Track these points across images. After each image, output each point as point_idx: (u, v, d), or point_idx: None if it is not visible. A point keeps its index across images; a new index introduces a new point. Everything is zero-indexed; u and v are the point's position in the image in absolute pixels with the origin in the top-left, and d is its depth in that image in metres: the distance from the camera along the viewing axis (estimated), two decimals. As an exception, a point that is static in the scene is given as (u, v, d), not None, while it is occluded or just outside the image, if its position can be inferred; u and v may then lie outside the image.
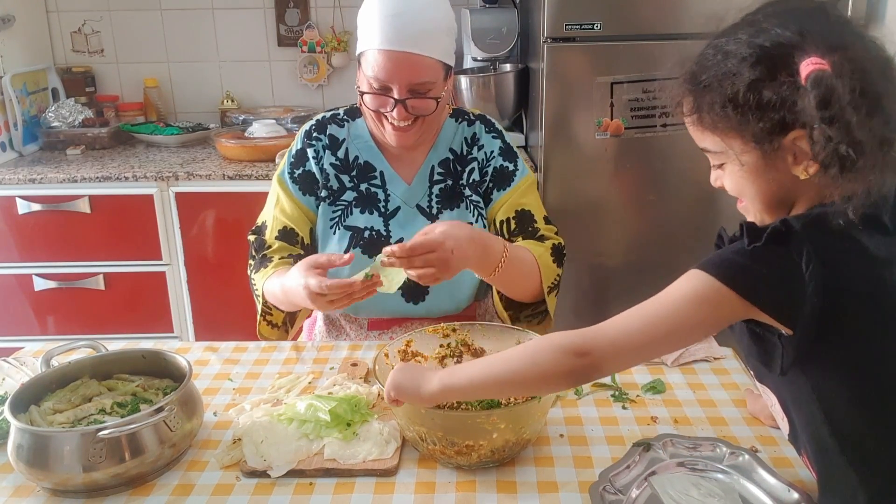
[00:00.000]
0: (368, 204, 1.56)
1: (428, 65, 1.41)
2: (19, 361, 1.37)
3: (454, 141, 1.58)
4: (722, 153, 0.93)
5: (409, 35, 1.38)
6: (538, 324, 1.57)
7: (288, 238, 1.57)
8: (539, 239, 1.55)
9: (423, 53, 1.40)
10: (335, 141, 1.58)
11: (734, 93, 0.86)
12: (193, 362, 1.37)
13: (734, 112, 0.87)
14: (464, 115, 1.61)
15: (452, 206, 1.56)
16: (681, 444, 1.11)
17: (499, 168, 1.57)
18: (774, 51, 0.85)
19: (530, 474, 1.08)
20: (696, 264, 0.90)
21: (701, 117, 0.92)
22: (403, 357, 1.24)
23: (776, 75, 0.84)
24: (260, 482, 1.07)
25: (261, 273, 1.54)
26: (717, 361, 1.40)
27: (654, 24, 2.13)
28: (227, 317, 2.62)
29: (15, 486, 1.08)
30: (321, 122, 1.60)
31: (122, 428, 1.02)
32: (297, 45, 3.04)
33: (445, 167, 1.57)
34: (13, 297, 2.58)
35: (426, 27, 1.39)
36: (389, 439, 1.13)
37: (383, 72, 1.40)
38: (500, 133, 1.61)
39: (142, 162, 2.63)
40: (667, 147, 2.21)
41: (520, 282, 1.47)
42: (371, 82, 1.43)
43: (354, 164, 1.57)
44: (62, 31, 3.07)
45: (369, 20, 1.41)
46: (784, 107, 0.83)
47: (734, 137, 0.90)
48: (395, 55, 1.39)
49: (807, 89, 0.81)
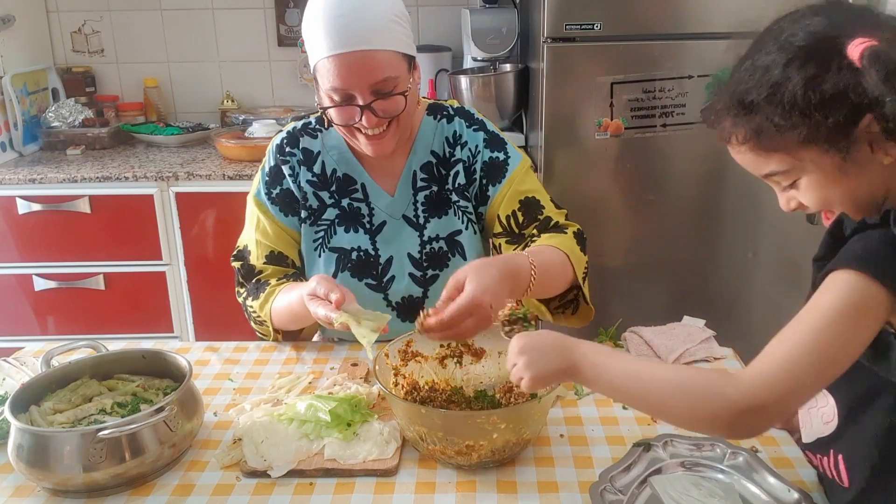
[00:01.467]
0: (352, 221, 1.46)
1: (385, 59, 1.29)
2: (19, 361, 1.37)
3: (434, 142, 1.47)
4: (792, 170, 0.88)
5: (356, 32, 1.26)
6: (573, 314, 1.49)
7: (277, 262, 1.49)
8: (556, 228, 1.46)
9: (376, 48, 1.28)
10: (309, 154, 1.47)
11: (792, 98, 0.82)
12: (194, 362, 1.37)
13: (800, 118, 0.82)
14: (441, 111, 1.49)
15: (440, 213, 1.47)
16: (681, 444, 1.11)
17: (488, 161, 1.46)
18: (817, 44, 0.82)
19: (530, 474, 1.08)
20: (831, 264, 0.85)
21: (759, 141, 0.87)
22: (403, 357, 1.24)
23: (829, 66, 0.80)
24: (260, 482, 1.07)
25: (261, 299, 1.46)
26: (718, 362, 1.40)
27: (654, 24, 2.13)
28: (227, 317, 2.61)
29: (15, 487, 1.08)
30: (292, 133, 1.49)
31: (123, 428, 1.02)
32: (297, 45, 3.04)
33: (428, 172, 1.47)
34: (13, 297, 2.58)
35: (372, 21, 1.28)
36: (389, 439, 1.13)
37: (339, 79, 1.28)
38: (482, 123, 1.49)
39: (142, 162, 2.63)
40: (667, 147, 2.21)
41: (551, 285, 1.38)
42: (331, 95, 1.32)
43: (333, 178, 1.47)
44: (62, 31, 3.07)
45: (314, 30, 1.29)
46: (849, 94, 0.80)
47: (805, 147, 0.84)
48: (348, 57, 1.27)
49: (865, 68, 0.78)
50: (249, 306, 1.50)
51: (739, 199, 2.25)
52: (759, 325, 2.34)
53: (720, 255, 2.31)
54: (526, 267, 1.26)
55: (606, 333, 1.51)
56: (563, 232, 1.45)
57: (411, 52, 1.36)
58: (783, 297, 2.32)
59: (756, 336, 2.58)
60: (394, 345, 1.23)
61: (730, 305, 2.33)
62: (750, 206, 2.25)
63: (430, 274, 1.47)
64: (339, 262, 1.46)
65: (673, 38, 2.14)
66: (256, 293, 1.48)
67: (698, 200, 2.28)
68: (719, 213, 2.28)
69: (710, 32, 2.13)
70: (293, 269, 1.51)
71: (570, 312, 1.50)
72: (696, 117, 2.18)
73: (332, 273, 1.46)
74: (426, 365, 1.26)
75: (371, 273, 1.46)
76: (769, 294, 2.32)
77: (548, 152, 2.20)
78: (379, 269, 1.47)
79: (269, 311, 1.44)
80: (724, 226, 2.29)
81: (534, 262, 1.27)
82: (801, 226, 2.26)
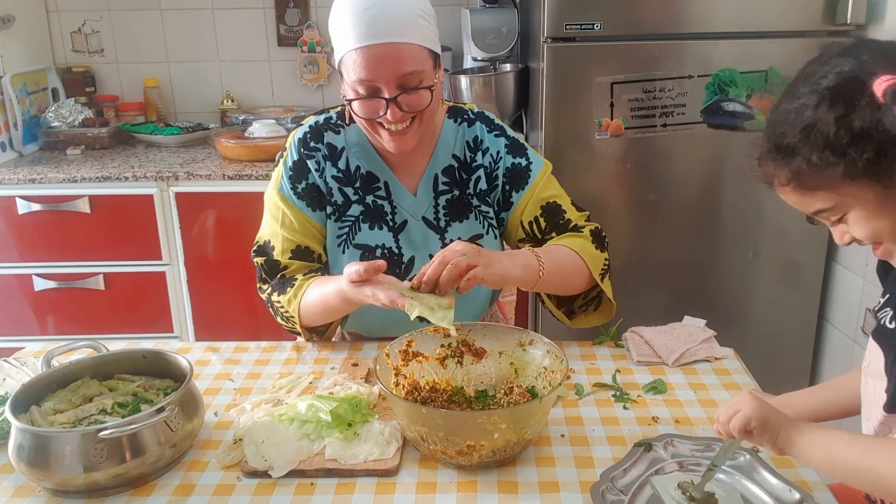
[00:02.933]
0: (376, 218, 1.47)
1: (412, 53, 1.30)
2: (20, 361, 1.37)
3: (456, 146, 1.49)
4: (838, 206, 0.91)
5: (385, 25, 1.28)
6: (595, 310, 1.52)
7: (303, 256, 1.47)
8: (574, 230, 1.48)
9: (403, 41, 1.29)
10: (334, 150, 1.47)
11: (825, 138, 0.86)
12: (194, 362, 1.37)
13: (835, 156, 0.86)
14: (462, 115, 1.52)
15: (461, 217, 1.48)
16: (682, 444, 1.11)
17: (510, 167, 1.48)
18: (845, 84, 0.86)
19: (531, 474, 1.07)
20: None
21: (801, 180, 0.91)
22: (404, 357, 1.23)
23: (856, 104, 0.85)
24: (261, 482, 1.07)
25: (289, 293, 1.44)
26: (719, 362, 1.40)
27: (654, 24, 2.13)
28: (227, 317, 2.62)
29: (16, 487, 1.08)
30: (315, 128, 1.48)
31: (123, 428, 1.02)
32: (297, 45, 3.04)
33: (450, 175, 1.48)
34: (13, 297, 2.58)
35: (400, 14, 1.29)
36: (390, 439, 1.13)
37: (365, 70, 1.29)
38: (502, 129, 1.52)
39: (142, 162, 2.62)
40: (667, 147, 2.21)
41: (567, 277, 1.40)
42: (356, 87, 1.32)
43: (357, 174, 1.47)
44: (62, 31, 3.07)
45: (341, 23, 1.31)
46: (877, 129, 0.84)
47: (845, 182, 0.88)
48: (375, 49, 1.28)
49: (888, 105, 0.82)
50: (276, 302, 1.47)
51: (739, 199, 2.25)
52: (759, 326, 2.34)
53: (720, 254, 2.31)
54: (526, 251, 1.34)
55: (607, 334, 1.51)
56: (580, 231, 1.47)
57: (436, 49, 1.37)
58: (784, 297, 2.32)
59: (757, 336, 2.59)
60: (395, 345, 1.23)
61: (730, 305, 2.33)
62: (750, 206, 2.25)
63: None
64: (364, 259, 1.46)
65: (673, 38, 2.14)
66: (283, 288, 1.46)
67: (698, 200, 2.28)
68: (719, 213, 2.28)
69: (710, 32, 2.13)
70: (318, 263, 1.50)
71: (591, 309, 1.52)
72: (696, 117, 2.18)
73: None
74: (427, 365, 1.26)
75: (394, 271, 1.46)
76: (770, 294, 2.32)
77: (548, 152, 2.20)
78: (402, 267, 1.47)
79: (297, 307, 1.42)
80: (725, 226, 2.28)
81: (538, 253, 1.33)
82: (801, 226, 2.26)
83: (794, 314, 2.34)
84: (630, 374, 1.36)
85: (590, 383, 1.33)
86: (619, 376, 1.35)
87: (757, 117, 2.16)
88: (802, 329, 2.36)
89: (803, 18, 2.10)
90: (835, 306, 2.32)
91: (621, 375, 1.35)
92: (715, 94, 2.16)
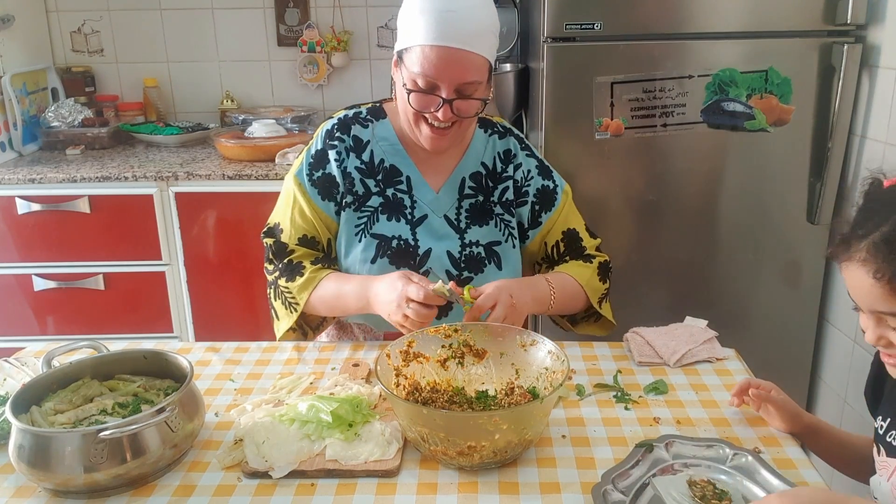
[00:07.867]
0: (395, 210, 1.51)
1: (478, 63, 1.37)
2: (20, 362, 1.37)
3: (485, 154, 1.56)
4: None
5: (463, 32, 1.34)
6: (595, 322, 1.62)
7: (309, 245, 1.54)
8: (586, 258, 1.59)
9: (474, 51, 1.35)
10: (360, 142, 1.52)
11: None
12: (195, 363, 1.37)
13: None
14: (493, 127, 1.59)
15: (482, 222, 1.54)
16: (684, 444, 1.11)
17: (541, 189, 1.58)
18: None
19: (532, 475, 1.07)
20: None
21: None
22: (405, 358, 1.23)
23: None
24: (261, 483, 1.07)
25: (299, 283, 1.49)
26: (720, 362, 1.40)
27: (655, 24, 2.13)
28: (226, 317, 2.62)
29: (16, 487, 1.08)
30: (344, 121, 1.54)
31: (124, 429, 1.02)
32: (296, 45, 3.04)
33: (477, 181, 1.54)
34: (13, 297, 2.58)
35: (478, 25, 1.36)
36: (391, 440, 1.12)
37: (433, 68, 1.35)
38: (531, 149, 1.61)
39: (141, 162, 2.62)
40: (667, 147, 2.21)
41: (572, 304, 1.54)
42: (416, 79, 1.37)
43: (380, 167, 1.52)
44: (62, 31, 3.07)
45: (416, 16, 1.35)
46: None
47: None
48: (447, 51, 1.34)
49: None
50: (284, 287, 1.51)
51: (740, 199, 2.25)
52: (760, 326, 2.34)
53: (721, 255, 2.31)
54: (543, 281, 1.47)
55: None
56: (590, 261, 1.59)
57: (493, 65, 1.44)
58: (784, 297, 2.32)
59: (756, 336, 2.59)
60: (395, 345, 1.23)
61: (730, 305, 2.33)
62: (750, 206, 2.25)
63: (465, 276, 1.52)
64: (379, 249, 1.50)
65: (673, 38, 2.14)
66: (292, 275, 1.51)
67: (698, 200, 2.27)
68: (720, 213, 2.27)
69: (710, 32, 2.13)
70: (322, 252, 1.54)
71: (592, 321, 1.63)
72: (696, 117, 2.18)
73: (371, 258, 1.50)
74: (428, 366, 1.26)
75: (408, 263, 1.50)
76: (770, 294, 2.32)
77: (548, 152, 2.20)
78: (417, 259, 1.50)
79: (307, 298, 1.48)
80: (725, 226, 2.28)
81: (550, 280, 1.48)
82: (801, 226, 2.26)
83: (794, 314, 2.34)
84: (631, 375, 1.36)
85: (591, 384, 1.33)
86: (621, 377, 1.35)
87: (757, 117, 2.16)
88: (802, 329, 2.36)
89: (803, 18, 2.10)
90: (835, 306, 2.32)
91: (622, 376, 1.35)
92: (715, 94, 2.15)
